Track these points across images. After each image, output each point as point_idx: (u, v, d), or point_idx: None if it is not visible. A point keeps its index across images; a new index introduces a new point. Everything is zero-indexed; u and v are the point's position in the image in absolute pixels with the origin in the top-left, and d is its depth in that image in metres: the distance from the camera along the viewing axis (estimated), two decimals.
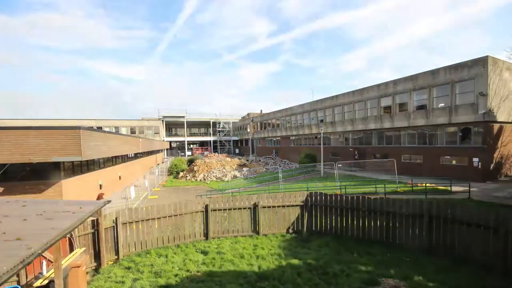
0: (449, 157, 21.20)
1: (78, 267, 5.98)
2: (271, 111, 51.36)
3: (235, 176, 31.79)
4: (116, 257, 8.04)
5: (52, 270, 5.50)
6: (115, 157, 23.25)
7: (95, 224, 7.75)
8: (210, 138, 66.87)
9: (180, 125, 68.07)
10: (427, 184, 16.66)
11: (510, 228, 6.40)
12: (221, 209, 9.43)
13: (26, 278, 5.69)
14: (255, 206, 9.55)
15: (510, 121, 20.37)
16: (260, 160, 41.18)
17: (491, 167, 19.11)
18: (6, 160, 12.06)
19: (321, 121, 35.49)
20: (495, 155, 19.29)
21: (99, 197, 17.51)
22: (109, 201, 7.70)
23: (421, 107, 23.17)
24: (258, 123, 57.05)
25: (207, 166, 35.44)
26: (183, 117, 61.74)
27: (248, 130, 62.05)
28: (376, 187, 17.88)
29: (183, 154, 60.29)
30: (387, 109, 27.18)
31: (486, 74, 18.47)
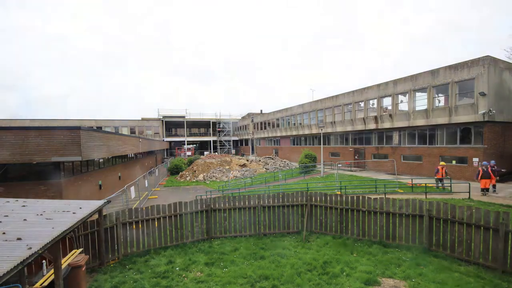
0: (449, 157, 21.20)
1: (78, 267, 5.98)
2: (271, 111, 51.36)
3: (235, 176, 31.77)
4: (116, 257, 8.03)
5: (52, 270, 5.50)
6: (115, 157, 23.25)
7: (95, 224, 7.76)
8: (210, 138, 66.84)
9: (180, 125, 68.09)
10: (427, 184, 16.67)
11: (510, 229, 6.42)
12: (221, 209, 9.43)
13: (27, 278, 5.68)
14: (255, 206, 9.55)
15: (510, 121, 20.37)
16: (260, 160, 41.15)
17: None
18: (6, 160, 12.06)
19: (321, 121, 35.49)
20: (495, 155, 19.27)
21: None
22: (109, 201, 7.70)
23: (421, 107, 23.17)
24: (258, 123, 57.04)
25: (207, 166, 35.45)
26: (183, 117, 61.75)
27: (248, 130, 62.06)
28: (376, 187, 17.88)
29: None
30: (387, 109, 27.19)
31: (486, 74, 18.47)
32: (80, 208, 6.25)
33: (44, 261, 6.03)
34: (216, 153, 61.18)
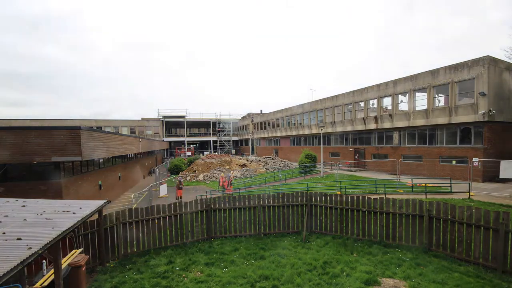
0: (449, 157, 21.20)
1: (78, 267, 5.98)
2: (271, 111, 51.38)
3: (235, 176, 31.77)
4: (116, 257, 8.03)
5: (52, 270, 5.50)
6: (115, 157, 23.25)
7: (95, 224, 7.75)
8: (210, 138, 66.86)
9: (180, 125, 68.10)
10: (427, 184, 16.67)
11: (510, 229, 6.41)
12: (221, 209, 9.43)
13: (27, 278, 5.68)
14: (255, 206, 9.55)
15: (509, 121, 20.37)
16: (260, 160, 41.15)
17: (491, 167, 19.09)
18: (6, 160, 12.07)
19: (321, 121, 35.50)
20: (495, 155, 19.27)
21: None
22: (109, 201, 7.71)
23: (421, 107, 23.17)
24: (258, 123, 57.04)
25: (207, 166, 35.45)
26: (183, 117, 61.77)
27: (248, 130, 62.06)
28: (376, 187, 17.88)
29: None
30: (387, 109, 27.19)
31: (486, 74, 18.47)
32: (80, 208, 6.26)
33: (44, 261, 6.03)
34: (216, 153, 61.17)
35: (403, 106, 25.39)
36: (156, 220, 8.69)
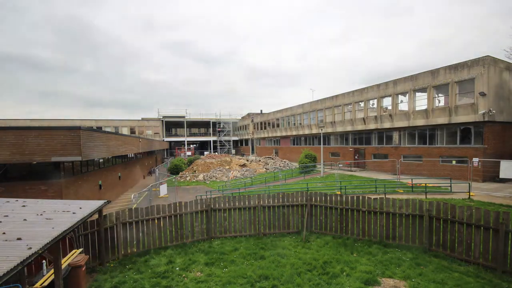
0: (449, 157, 21.20)
1: (78, 267, 5.98)
2: (271, 111, 51.39)
3: (235, 176, 31.77)
4: (116, 257, 8.03)
5: (52, 270, 5.50)
6: (115, 157, 23.25)
7: (95, 224, 7.76)
8: (210, 138, 66.87)
9: (180, 125, 68.12)
10: (427, 184, 16.67)
11: (510, 229, 6.42)
12: (221, 209, 9.43)
13: (27, 278, 5.69)
14: (255, 206, 9.55)
15: (510, 121, 20.37)
16: (260, 160, 41.17)
17: (491, 167, 19.10)
18: (6, 160, 12.06)
19: (321, 121, 35.50)
20: (495, 155, 19.28)
21: None
22: (109, 201, 7.71)
23: (421, 107, 23.17)
24: (258, 123, 57.05)
25: (207, 166, 35.46)
26: (183, 117, 61.80)
27: (248, 130, 62.08)
28: (376, 187, 17.88)
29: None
30: (387, 109, 27.20)
31: (486, 74, 18.48)
32: (80, 208, 6.26)
33: (44, 261, 6.03)
34: (216, 153, 61.17)
35: (403, 106, 25.40)
36: (156, 220, 8.69)
